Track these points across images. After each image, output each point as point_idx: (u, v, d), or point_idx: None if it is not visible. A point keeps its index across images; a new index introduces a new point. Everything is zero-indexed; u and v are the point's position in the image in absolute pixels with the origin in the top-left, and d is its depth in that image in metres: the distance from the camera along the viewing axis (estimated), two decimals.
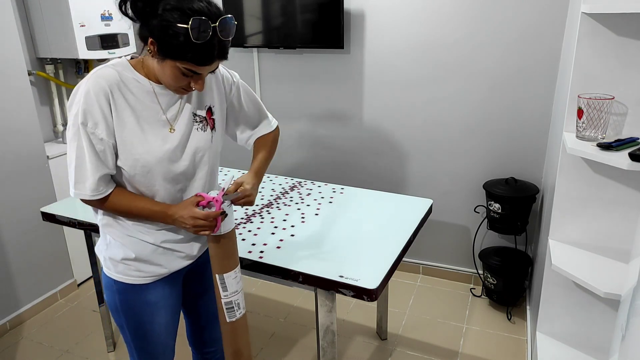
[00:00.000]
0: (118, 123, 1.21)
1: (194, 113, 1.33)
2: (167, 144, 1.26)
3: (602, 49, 1.53)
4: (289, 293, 2.82)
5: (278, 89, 3.00)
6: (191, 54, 1.12)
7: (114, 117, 1.20)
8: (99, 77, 1.19)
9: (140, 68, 1.25)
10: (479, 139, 2.61)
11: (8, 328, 2.57)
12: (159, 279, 1.38)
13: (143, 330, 1.40)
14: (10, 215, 2.51)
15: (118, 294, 1.37)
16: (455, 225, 2.82)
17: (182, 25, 1.08)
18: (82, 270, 2.96)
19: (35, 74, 2.79)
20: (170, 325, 1.46)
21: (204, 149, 1.35)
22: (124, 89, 1.22)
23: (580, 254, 1.67)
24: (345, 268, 1.53)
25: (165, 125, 1.28)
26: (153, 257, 1.35)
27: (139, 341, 1.42)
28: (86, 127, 1.17)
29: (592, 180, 1.62)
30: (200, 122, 1.34)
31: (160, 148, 1.25)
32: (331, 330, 1.57)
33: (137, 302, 1.37)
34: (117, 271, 1.35)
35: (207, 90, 1.37)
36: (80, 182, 1.21)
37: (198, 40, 1.09)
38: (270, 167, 3.18)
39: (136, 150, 1.23)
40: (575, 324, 1.78)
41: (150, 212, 1.27)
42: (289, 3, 2.67)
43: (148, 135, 1.24)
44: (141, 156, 1.23)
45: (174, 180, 1.31)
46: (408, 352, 2.34)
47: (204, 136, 1.35)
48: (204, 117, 1.36)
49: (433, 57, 2.57)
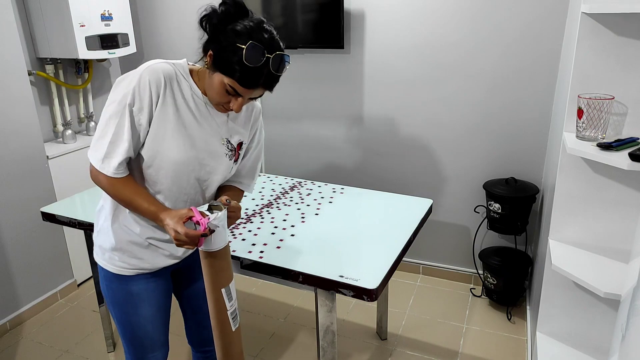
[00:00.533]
0: (158, 115, 1.24)
1: (227, 139, 1.38)
2: (194, 150, 1.30)
3: (602, 49, 1.52)
4: (289, 293, 2.82)
5: (278, 89, 2.97)
6: (239, 74, 1.17)
7: (157, 108, 1.24)
8: (157, 68, 1.23)
9: (195, 75, 1.31)
10: (479, 139, 2.61)
11: (8, 328, 2.57)
12: (142, 272, 1.40)
13: (127, 320, 1.44)
14: (10, 215, 2.51)
15: (105, 281, 1.42)
16: (455, 225, 2.82)
17: (240, 45, 1.15)
18: (82, 270, 2.96)
19: (35, 74, 2.79)
20: (157, 319, 1.47)
21: (222, 174, 1.39)
22: (176, 87, 1.27)
23: (581, 254, 1.67)
24: (345, 268, 1.53)
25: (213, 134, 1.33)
26: (135, 250, 1.37)
27: (125, 329, 1.46)
28: (132, 107, 1.21)
29: (592, 180, 1.62)
30: (231, 150, 1.39)
31: (185, 152, 1.28)
32: (331, 330, 1.57)
33: (121, 292, 1.41)
34: (104, 259, 1.40)
35: (246, 125, 1.43)
36: (109, 158, 1.24)
37: (249, 62, 1.15)
38: (271, 167, 3.18)
39: (162, 145, 1.26)
40: (575, 324, 1.77)
41: (143, 208, 1.28)
42: (289, 3, 2.67)
43: (180, 137, 1.27)
44: (163, 153, 1.26)
45: (181, 188, 1.32)
46: (408, 352, 2.34)
47: (228, 164, 1.39)
48: (234, 147, 1.41)
49: (433, 57, 2.57)
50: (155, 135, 1.25)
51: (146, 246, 1.38)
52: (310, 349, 2.38)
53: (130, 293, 1.41)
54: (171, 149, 1.26)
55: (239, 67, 1.16)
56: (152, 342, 1.49)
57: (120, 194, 1.28)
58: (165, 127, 1.25)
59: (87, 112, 3.16)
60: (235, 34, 1.17)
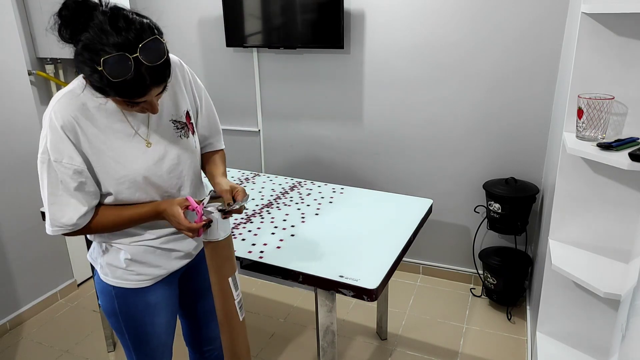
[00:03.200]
0: (92, 152, 1.16)
1: (173, 120, 1.28)
2: (148, 158, 1.23)
3: (602, 49, 1.52)
4: (289, 293, 2.81)
5: (278, 89, 3.00)
6: (122, 92, 1.03)
7: (86, 147, 1.15)
8: (61, 108, 1.12)
9: None
10: (479, 138, 2.61)
11: (8, 328, 2.57)
12: (158, 280, 1.38)
13: (143, 333, 1.39)
14: (10, 215, 2.51)
15: (117, 299, 1.34)
16: (455, 225, 2.82)
17: (97, 66, 0.99)
18: (82, 271, 2.96)
19: (36, 74, 2.79)
20: (170, 326, 1.46)
21: (188, 156, 1.32)
22: (89, 115, 1.15)
23: (581, 254, 1.67)
24: (345, 268, 1.52)
25: (140, 141, 1.22)
26: (152, 259, 1.34)
27: (139, 344, 1.41)
28: (60, 162, 1.12)
29: (592, 180, 1.62)
30: (181, 128, 1.29)
31: (142, 164, 1.22)
32: (331, 330, 1.57)
33: (138, 306, 1.36)
34: (116, 277, 1.32)
35: (177, 94, 1.30)
36: (57, 219, 1.17)
37: (118, 78, 0.99)
38: (271, 167, 3.18)
39: (118, 173, 1.19)
40: (575, 324, 1.77)
41: (139, 215, 1.24)
42: (289, 3, 2.67)
43: (126, 155, 1.20)
44: (124, 177, 1.20)
45: (162, 192, 1.29)
46: (408, 352, 2.34)
47: (188, 143, 1.31)
48: (184, 122, 1.31)
49: (433, 57, 2.57)
50: (104, 169, 1.18)
51: (160, 253, 1.34)
52: (310, 349, 2.38)
53: (148, 304, 1.36)
54: (129, 170, 1.20)
55: (112, 87, 1.01)
56: (164, 349, 1.47)
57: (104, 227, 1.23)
58: (106, 157, 1.17)
59: None
60: (83, 54, 1.01)
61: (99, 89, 1.06)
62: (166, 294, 1.41)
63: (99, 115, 1.17)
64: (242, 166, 3.19)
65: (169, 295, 1.42)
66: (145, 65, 1.02)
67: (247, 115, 3.12)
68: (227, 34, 2.85)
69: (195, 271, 1.53)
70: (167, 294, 1.41)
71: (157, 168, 1.25)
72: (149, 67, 1.03)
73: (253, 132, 3.14)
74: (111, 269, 1.33)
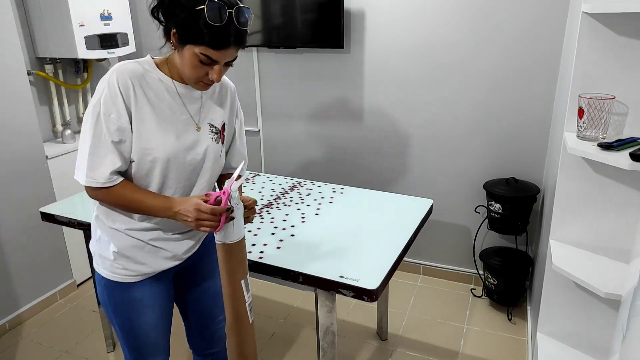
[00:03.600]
0: (136, 116, 1.23)
1: (210, 123, 1.37)
2: (182, 141, 1.29)
3: (602, 49, 1.52)
4: (289, 293, 2.81)
5: (278, 89, 3.00)
6: (207, 37, 1.15)
7: (133, 110, 1.22)
8: (124, 71, 1.22)
9: (164, 67, 1.29)
10: (479, 139, 2.61)
11: (7, 328, 2.57)
12: (145, 278, 1.39)
13: (130, 328, 1.42)
14: (9, 215, 2.51)
15: (106, 290, 1.39)
16: (455, 225, 2.82)
17: (199, 7, 1.13)
18: (82, 271, 2.96)
19: (35, 74, 2.79)
20: (160, 325, 1.45)
21: (213, 158, 1.38)
22: (146, 85, 1.25)
23: (581, 254, 1.66)
24: (346, 268, 1.52)
25: (188, 123, 1.31)
26: (138, 255, 1.35)
27: (127, 337, 1.44)
28: (109, 117, 1.20)
29: (593, 180, 1.62)
30: (215, 133, 1.38)
31: (172, 144, 1.27)
32: (331, 330, 1.57)
33: (123, 300, 1.39)
34: (105, 267, 1.37)
35: (223, 106, 1.42)
36: (94, 170, 1.22)
37: (213, 22, 1.13)
38: (271, 167, 3.18)
39: (149, 143, 1.25)
40: (576, 324, 1.77)
41: (151, 204, 1.26)
42: (289, 3, 2.67)
43: (164, 132, 1.26)
44: (152, 150, 1.25)
45: (175, 180, 1.31)
46: (408, 353, 2.33)
47: (216, 147, 1.38)
48: (219, 130, 1.40)
49: (433, 57, 2.57)
50: (139, 136, 1.24)
51: (148, 250, 1.36)
52: (310, 349, 2.37)
53: (133, 300, 1.38)
54: (159, 145, 1.26)
55: (206, 30, 1.14)
56: (155, 348, 1.47)
57: (121, 200, 1.27)
58: (146, 126, 1.24)
59: None
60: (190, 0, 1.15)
61: (190, 31, 1.15)
62: (153, 292, 1.41)
63: (154, 90, 1.26)
64: None
65: (156, 294, 1.42)
66: (235, 24, 1.16)
67: (247, 115, 3.11)
68: None
69: (193, 274, 1.52)
70: (154, 292, 1.41)
71: (184, 155, 1.30)
72: (237, 28, 1.17)
73: (253, 132, 3.14)
74: (102, 259, 1.38)
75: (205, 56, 1.18)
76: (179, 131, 1.29)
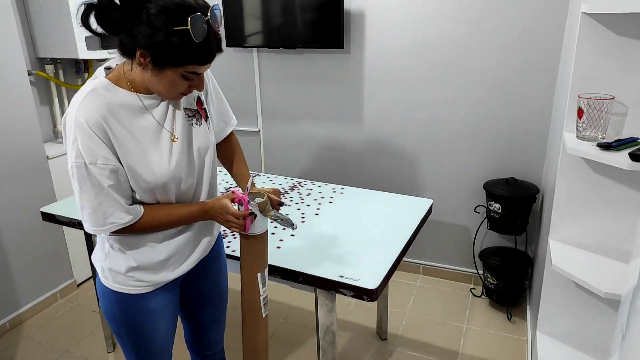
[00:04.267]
0: (122, 152, 1.14)
1: (185, 108, 1.26)
2: (173, 158, 1.21)
3: (602, 49, 1.52)
4: (289, 293, 2.81)
5: (278, 89, 3.00)
6: (194, 56, 1.06)
7: (117, 147, 1.13)
8: (86, 109, 1.09)
9: (123, 82, 1.15)
10: (479, 139, 2.61)
11: (8, 328, 2.57)
12: (159, 287, 1.35)
13: (143, 338, 1.37)
14: (10, 215, 2.51)
15: (117, 304, 1.32)
16: (455, 225, 2.82)
17: (179, 27, 1.01)
18: (82, 271, 2.96)
19: (35, 74, 2.79)
20: (170, 331, 1.45)
21: (205, 145, 1.29)
22: (115, 112, 1.12)
23: (581, 254, 1.67)
24: (345, 268, 1.52)
25: (167, 135, 1.21)
26: (156, 267, 1.31)
27: (139, 349, 1.39)
28: (96, 164, 1.10)
29: (593, 180, 1.62)
30: (192, 116, 1.27)
31: (168, 166, 1.20)
32: (331, 330, 1.57)
33: (138, 312, 1.33)
34: (117, 282, 1.30)
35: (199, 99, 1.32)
36: (107, 216, 1.15)
37: (199, 39, 1.04)
38: (271, 167, 3.18)
39: (143, 177, 1.18)
40: (576, 324, 1.77)
41: (189, 215, 1.26)
42: (289, 3, 2.67)
43: (152, 158, 1.18)
44: (150, 180, 1.19)
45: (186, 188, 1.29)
46: (408, 353, 2.33)
47: (202, 131, 1.28)
48: (195, 109, 1.28)
49: (433, 57, 2.57)
50: (131, 171, 1.16)
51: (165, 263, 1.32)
52: (310, 349, 2.38)
53: (148, 311, 1.34)
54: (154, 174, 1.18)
55: (191, 49, 1.04)
56: (164, 354, 1.45)
57: (154, 224, 1.23)
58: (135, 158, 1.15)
59: None
60: (160, 17, 1.01)
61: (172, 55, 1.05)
62: (167, 299, 1.38)
63: (124, 113, 1.14)
64: None
65: (169, 301, 1.40)
66: (213, 31, 1.07)
67: (247, 115, 3.12)
68: (227, 33, 2.85)
69: (198, 278, 1.51)
70: (167, 299, 1.39)
71: (182, 166, 1.23)
72: (216, 34, 1.09)
73: (253, 132, 3.14)
74: (112, 274, 1.30)
75: (191, 72, 1.10)
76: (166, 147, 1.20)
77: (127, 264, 1.28)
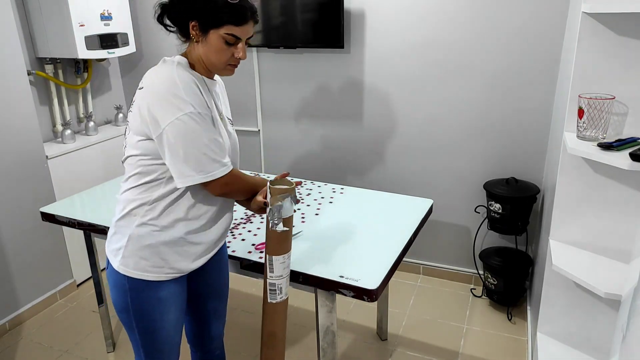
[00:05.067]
0: None
1: (227, 117, 1.45)
2: (226, 140, 1.35)
3: (602, 49, 1.52)
4: (289, 293, 2.81)
5: (278, 89, 3.00)
6: (229, 16, 1.22)
7: None
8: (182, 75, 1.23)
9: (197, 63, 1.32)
10: (479, 138, 2.61)
11: (7, 328, 2.57)
12: (172, 278, 1.38)
13: (153, 328, 1.39)
14: (9, 216, 2.51)
15: (131, 292, 1.34)
16: (455, 225, 2.82)
17: None
18: (82, 271, 2.96)
19: (35, 74, 2.79)
20: (179, 323, 1.46)
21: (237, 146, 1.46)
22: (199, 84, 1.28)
23: (581, 254, 1.66)
24: (346, 268, 1.52)
25: (226, 122, 1.40)
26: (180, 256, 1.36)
27: (148, 339, 1.41)
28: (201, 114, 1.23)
29: (593, 180, 1.62)
30: (232, 124, 1.47)
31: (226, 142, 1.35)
32: (331, 330, 1.57)
33: (150, 299, 1.36)
34: (138, 268, 1.32)
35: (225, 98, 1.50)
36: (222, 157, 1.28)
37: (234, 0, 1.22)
38: (270, 167, 3.18)
39: None
40: (576, 324, 1.77)
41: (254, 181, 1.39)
42: (289, 3, 2.67)
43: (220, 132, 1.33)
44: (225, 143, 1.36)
45: None
46: (408, 353, 2.33)
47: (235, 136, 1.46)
48: (232, 122, 1.48)
49: (433, 57, 2.57)
50: None
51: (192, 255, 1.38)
52: (310, 349, 2.37)
53: (159, 299, 1.36)
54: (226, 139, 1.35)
55: (226, 10, 1.22)
56: (172, 347, 1.46)
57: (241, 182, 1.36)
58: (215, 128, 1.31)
59: (86, 112, 3.16)
60: None
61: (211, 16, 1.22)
62: (178, 291, 1.41)
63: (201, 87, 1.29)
64: (242, 166, 3.19)
65: (179, 293, 1.42)
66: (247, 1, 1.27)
67: (247, 115, 3.11)
68: None
69: (205, 271, 1.52)
70: (178, 291, 1.41)
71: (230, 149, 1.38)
72: (249, 3, 1.27)
73: (253, 132, 3.14)
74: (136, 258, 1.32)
75: (230, 35, 1.24)
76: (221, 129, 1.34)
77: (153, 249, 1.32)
